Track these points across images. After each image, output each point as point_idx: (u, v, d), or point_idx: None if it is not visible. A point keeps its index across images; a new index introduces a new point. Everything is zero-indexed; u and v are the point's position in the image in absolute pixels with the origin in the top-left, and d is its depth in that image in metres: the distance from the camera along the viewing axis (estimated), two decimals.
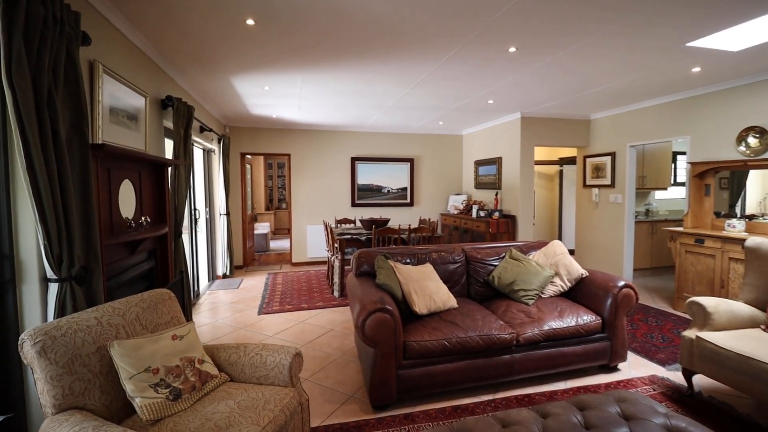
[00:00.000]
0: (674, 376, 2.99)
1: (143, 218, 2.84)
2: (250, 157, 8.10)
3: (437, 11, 2.58)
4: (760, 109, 4.01)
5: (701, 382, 2.85)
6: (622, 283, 2.97)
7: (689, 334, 2.68)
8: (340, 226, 6.68)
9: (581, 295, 3.19)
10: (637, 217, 6.07)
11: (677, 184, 7.19)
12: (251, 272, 6.78)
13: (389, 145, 7.76)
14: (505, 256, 3.51)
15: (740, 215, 4.46)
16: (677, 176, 7.19)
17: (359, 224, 7.14)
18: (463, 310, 2.94)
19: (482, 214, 6.47)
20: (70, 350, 1.63)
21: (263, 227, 9.48)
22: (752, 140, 4.06)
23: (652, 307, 4.64)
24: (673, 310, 4.53)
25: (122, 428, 1.43)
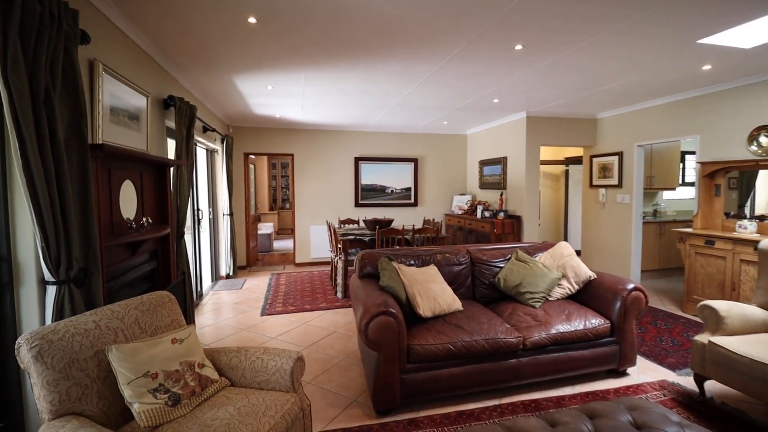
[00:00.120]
0: (685, 381, 2.92)
1: (144, 219, 2.81)
2: (253, 157, 8.08)
3: (438, 10, 2.53)
4: None
5: (713, 387, 2.78)
6: (631, 285, 2.91)
7: (701, 338, 2.61)
8: (343, 226, 6.63)
9: (589, 298, 3.13)
10: (644, 217, 5.98)
11: (685, 184, 7.09)
12: (254, 273, 6.75)
13: (393, 144, 7.71)
14: (510, 257, 3.45)
15: (750, 216, 4.37)
16: (685, 176, 7.09)
17: (363, 225, 7.10)
18: (468, 312, 2.89)
19: (487, 214, 6.40)
20: (67, 355, 1.60)
21: (267, 227, 9.46)
22: (764, 140, 3.97)
23: (660, 309, 4.56)
24: (682, 312, 4.44)
25: None
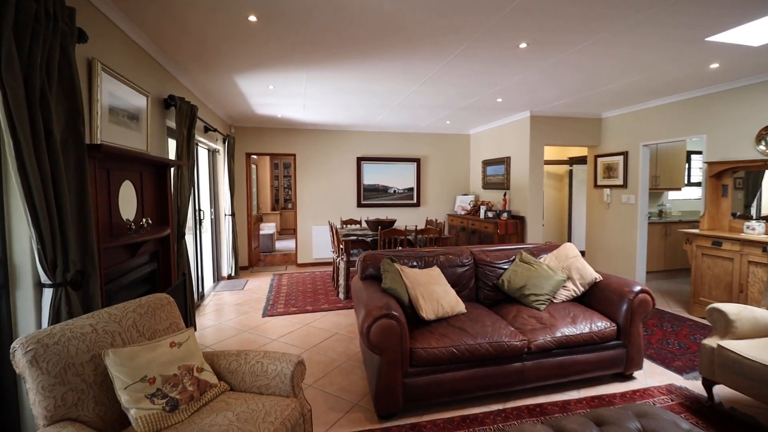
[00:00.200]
0: (692, 385, 2.86)
1: (144, 220, 2.78)
2: (255, 157, 8.05)
3: (440, 7, 2.49)
4: None
5: (721, 392, 2.72)
6: (638, 288, 2.85)
7: (710, 342, 2.56)
8: (345, 226, 6.60)
9: (595, 300, 3.08)
10: (649, 218, 5.90)
11: (691, 184, 7.01)
12: (256, 273, 6.73)
13: (395, 144, 7.66)
14: (515, 259, 3.40)
15: (756, 216, 4.30)
16: (691, 176, 7.01)
17: (365, 225, 7.06)
18: (471, 315, 2.84)
19: (490, 215, 6.35)
20: (63, 359, 1.57)
21: (269, 227, 9.44)
22: None
23: (666, 311, 4.49)
24: (688, 314, 4.38)
25: None
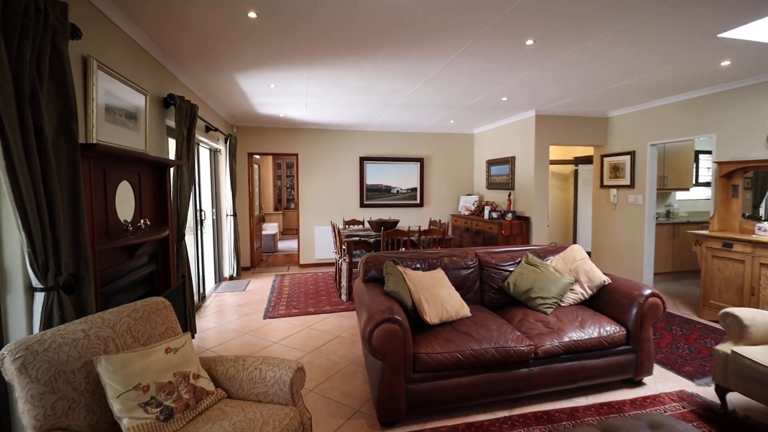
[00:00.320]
0: (704, 391, 2.78)
1: (143, 221, 2.72)
2: (258, 157, 8.01)
3: (445, 3, 2.41)
4: None
5: (735, 399, 2.64)
6: (648, 291, 2.77)
7: (723, 348, 2.48)
8: (348, 227, 6.54)
9: (603, 303, 3.00)
10: (657, 219, 5.80)
11: (699, 184, 6.90)
12: (258, 274, 6.68)
13: (399, 144, 7.59)
14: (520, 261, 3.32)
15: (766, 216, 4.20)
16: (699, 176, 6.90)
17: (368, 225, 6.99)
18: (476, 319, 2.77)
19: (494, 215, 6.27)
20: (53, 366, 1.51)
21: (272, 228, 9.39)
22: None
23: (675, 314, 4.40)
24: (698, 318, 4.28)
25: None
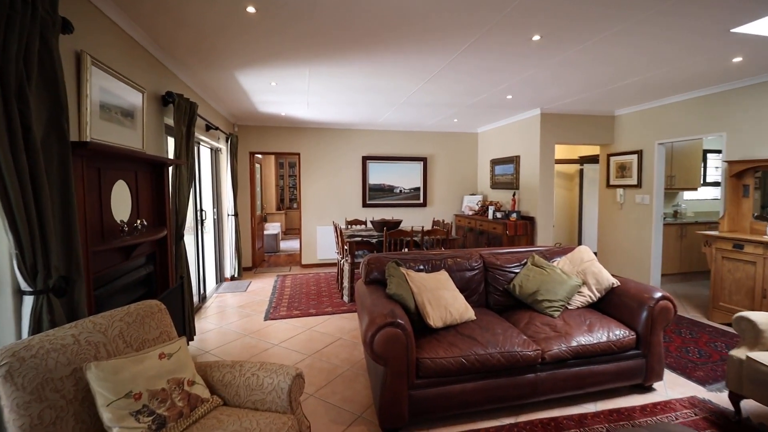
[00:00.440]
0: (716, 397, 2.69)
1: (139, 221, 2.66)
2: (260, 156, 7.95)
3: (443, 4, 2.34)
4: None
5: (748, 406, 2.55)
6: (658, 294, 2.68)
7: (737, 353, 2.39)
8: (350, 227, 6.47)
9: (612, 306, 2.91)
10: (664, 219, 5.70)
11: (707, 183, 6.79)
12: (260, 274, 6.62)
13: (401, 143, 7.51)
14: (526, 262, 3.24)
15: None
16: (707, 176, 6.79)
17: (370, 225, 6.92)
18: (481, 322, 2.69)
19: (499, 215, 6.18)
20: (40, 374, 1.45)
21: (274, 227, 9.34)
22: None
23: (684, 317, 4.30)
24: (708, 320, 4.19)
25: None
